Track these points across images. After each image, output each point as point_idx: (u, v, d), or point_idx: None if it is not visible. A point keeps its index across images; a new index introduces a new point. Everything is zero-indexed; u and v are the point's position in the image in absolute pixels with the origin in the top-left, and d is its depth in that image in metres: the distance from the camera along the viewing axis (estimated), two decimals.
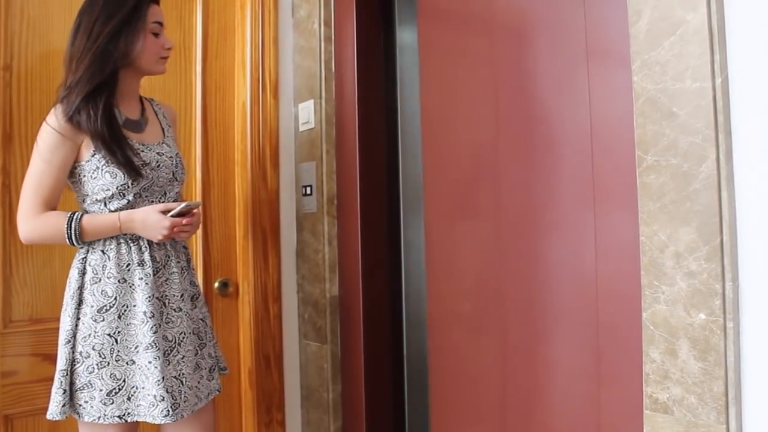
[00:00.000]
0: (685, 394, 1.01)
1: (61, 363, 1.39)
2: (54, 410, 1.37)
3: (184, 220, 1.46)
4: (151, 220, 1.43)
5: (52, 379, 1.64)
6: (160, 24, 1.54)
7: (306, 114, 2.00)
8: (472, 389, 1.89)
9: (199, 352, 1.53)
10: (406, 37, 2.02)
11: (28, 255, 1.65)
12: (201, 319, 1.55)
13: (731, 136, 0.99)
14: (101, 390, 1.38)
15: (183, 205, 1.46)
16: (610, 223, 1.16)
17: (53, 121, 1.40)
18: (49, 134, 1.40)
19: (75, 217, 1.41)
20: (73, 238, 1.40)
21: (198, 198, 1.92)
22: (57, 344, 1.42)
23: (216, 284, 1.93)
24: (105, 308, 1.40)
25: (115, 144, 1.41)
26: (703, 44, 0.99)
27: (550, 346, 1.42)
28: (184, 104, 1.90)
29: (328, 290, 1.91)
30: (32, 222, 1.41)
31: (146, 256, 1.45)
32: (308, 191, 1.99)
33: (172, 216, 1.44)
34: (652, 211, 1.06)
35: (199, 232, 1.90)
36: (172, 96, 1.88)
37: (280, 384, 1.98)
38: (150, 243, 1.47)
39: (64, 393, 1.37)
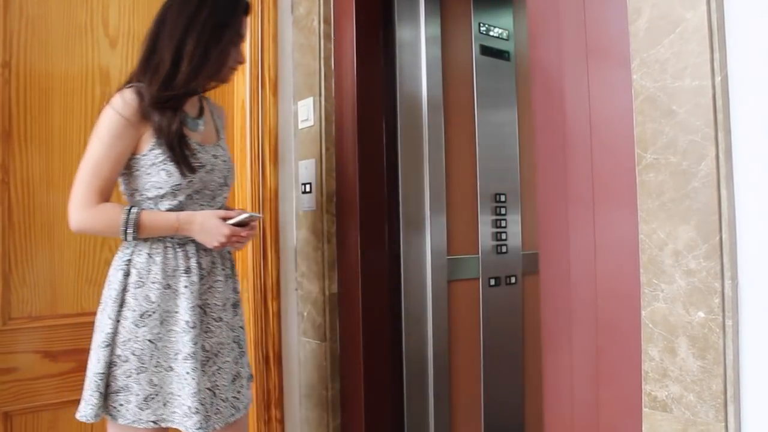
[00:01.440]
0: (683, 392, 1.01)
1: (98, 365, 1.34)
2: (88, 412, 1.32)
3: (244, 232, 1.41)
4: (211, 225, 1.38)
5: (51, 376, 1.64)
6: (244, 36, 1.51)
7: (305, 112, 2.00)
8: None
9: (239, 360, 1.49)
10: (405, 34, 2.02)
11: (28, 252, 1.65)
12: (240, 327, 1.51)
13: (730, 135, 0.99)
14: (138, 395, 1.33)
15: (246, 215, 1.40)
16: (610, 221, 1.16)
17: (120, 106, 1.34)
18: (115, 119, 1.33)
19: (133, 210, 1.35)
20: (129, 232, 1.34)
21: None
22: (88, 344, 1.37)
23: None
24: (147, 313, 1.35)
25: (177, 142, 1.36)
26: (703, 42, 0.99)
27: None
28: None
29: (328, 288, 1.91)
30: (88, 212, 1.34)
31: (193, 262, 1.40)
32: (307, 189, 1.98)
33: (232, 224, 1.38)
34: (651, 209, 1.06)
35: None
36: None
37: (280, 382, 1.98)
38: (197, 249, 1.42)
39: (100, 395, 1.32)
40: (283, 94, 2.05)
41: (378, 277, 1.91)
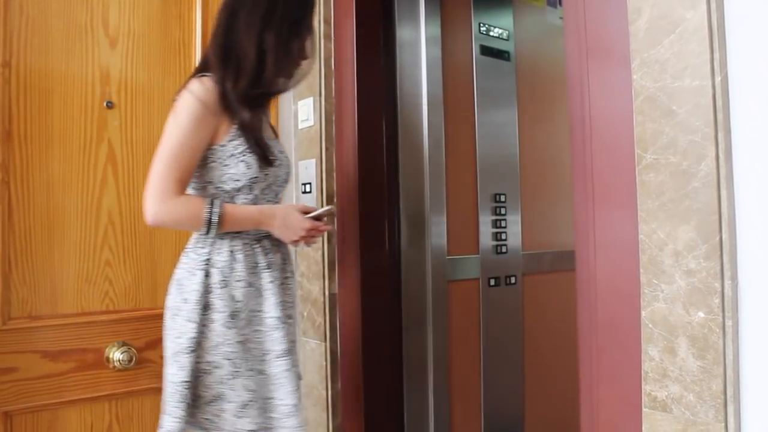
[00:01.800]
0: (683, 392, 1.01)
1: (182, 373, 1.25)
2: (173, 427, 1.23)
3: (323, 226, 1.38)
4: (293, 219, 1.34)
5: (51, 376, 1.65)
6: (313, 30, 1.48)
7: (305, 111, 2.00)
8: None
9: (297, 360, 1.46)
10: (405, 34, 2.02)
11: (28, 252, 1.65)
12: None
13: (731, 135, 0.99)
14: (234, 402, 1.26)
15: (326, 208, 1.38)
16: (609, 221, 1.16)
17: (202, 92, 1.29)
18: (197, 106, 1.28)
19: (216, 203, 1.29)
20: (212, 226, 1.27)
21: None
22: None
23: None
24: (235, 314, 1.29)
25: (258, 133, 1.32)
26: (703, 42, 0.99)
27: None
28: None
29: (328, 288, 1.91)
30: (168, 203, 1.26)
31: (270, 258, 1.36)
32: (308, 189, 1.98)
33: (311, 218, 1.35)
34: (651, 209, 1.06)
35: None
36: (171, 93, 1.87)
37: None
38: (271, 244, 1.38)
39: (187, 407, 1.24)
40: (282, 94, 2.04)
41: (378, 277, 1.91)
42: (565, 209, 2.53)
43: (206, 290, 1.29)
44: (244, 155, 1.31)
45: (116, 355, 1.71)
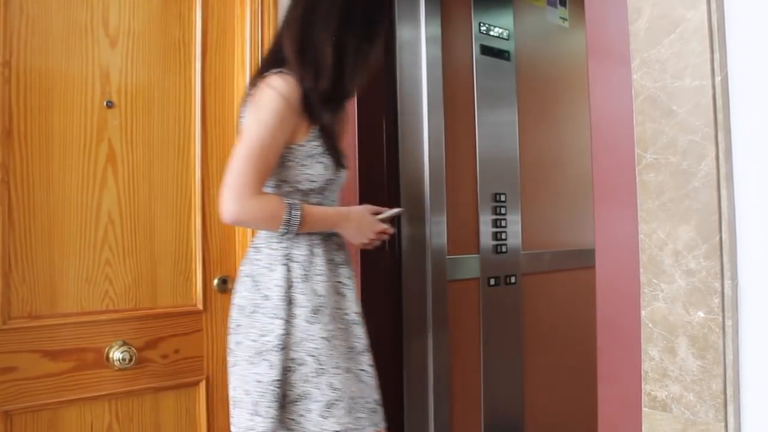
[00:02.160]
0: (683, 391, 1.01)
1: (273, 372, 1.21)
2: (268, 427, 1.19)
3: (389, 228, 1.37)
4: (367, 221, 1.33)
5: (50, 376, 1.64)
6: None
7: None
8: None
9: None
10: (406, 34, 2.02)
11: (27, 251, 1.64)
12: None
13: (731, 135, 0.99)
14: (319, 401, 1.22)
15: (394, 210, 1.37)
16: (610, 220, 1.17)
17: (285, 89, 1.25)
18: (280, 103, 1.24)
19: (296, 204, 1.26)
20: (291, 228, 1.24)
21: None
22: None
23: (215, 281, 1.93)
24: (318, 309, 1.26)
25: (335, 134, 1.32)
26: (703, 42, 0.99)
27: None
28: (183, 101, 1.90)
29: None
30: (249, 201, 1.22)
31: (342, 254, 1.35)
32: None
33: (381, 220, 1.34)
34: (651, 209, 1.06)
35: (199, 228, 1.90)
36: (171, 93, 1.87)
37: None
38: (341, 242, 1.36)
39: (278, 407, 1.20)
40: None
41: (378, 276, 1.91)
42: (565, 209, 2.53)
43: (288, 285, 1.26)
44: (322, 156, 1.30)
45: (116, 354, 1.71)
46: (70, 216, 1.70)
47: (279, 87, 1.25)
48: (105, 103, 1.76)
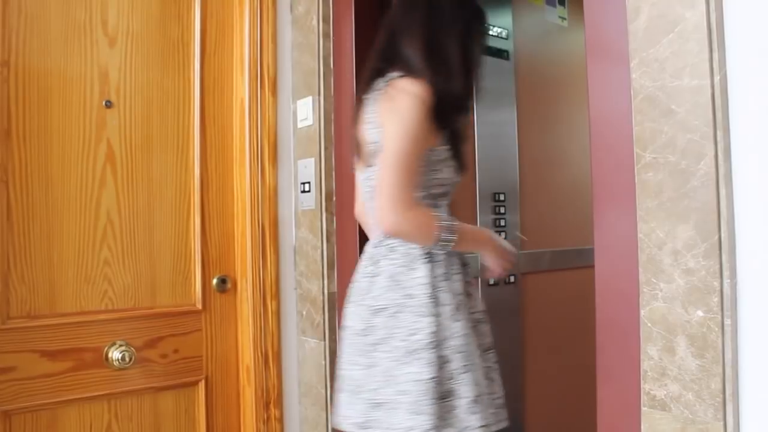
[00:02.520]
0: (682, 391, 1.01)
1: (430, 370, 1.19)
2: (430, 424, 1.17)
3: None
4: (506, 247, 1.34)
5: (49, 375, 1.64)
6: None
7: (304, 111, 1.99)
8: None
9: None
10: None
11: (26, 251, 1.64)
12: None
13: (729, 134, 0.99)
14: (466, 397, 1.21)
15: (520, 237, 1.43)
16: (608, 220, 1.17)
17: (424, 95, 1.22)
18: (421, 109, 1.21)
19: (450, 221, 1.26)
20: (447, 245, 1.24)
21: None
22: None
23: (214, 281, 1.93)
24: (458, 306, 1.26)
25: (463, 136, 1.32)
26: (702, 42, 0.99)
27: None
28: (182, 101, 1.90)
29: (326, 287, 1.91)
30: (408, 214, 1.20)
31: (466, 254, 1.37)
32: (307, 188, 1.98)
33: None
34: (650, 208, 1.06)
35: (198, 228, 1.90)
36: (170, 92, 1.87)
37: (279, 380, 1.98)
38: None
39: (438, 404, 1.19)
40: (282, 93, 2.04)
41: None
42: (565, 208, 2.53)
43: (432, 284, 1.25)
44: (451, 160, 1.30)
45: (115, 354, 1.71)
46: (68, 216, 1.70)
47: (416, 92, 1.23)
48: (104, 103, 1.76)
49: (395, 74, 1.29)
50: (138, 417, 1.79)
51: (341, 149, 1.92)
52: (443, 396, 1.20)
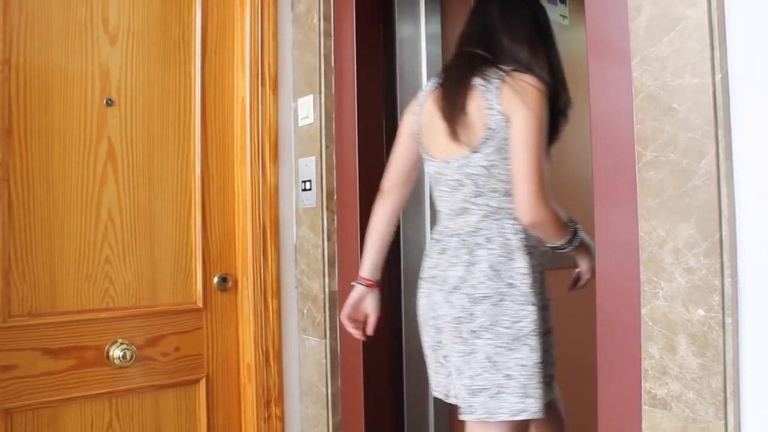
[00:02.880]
0: (683, 389, 1.01)
1: (536, 355, 1.27)
2: (540, 406, 1.27)
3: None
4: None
5: (51, 373, 1.65)
6: None
7: (305, 109, 1.99)
8: None
9: None
10: (406, 31, 2.02)
11: (27, 249, 1.65)
12: None
13: (731, 132, 0.99)
14: (544, 382, 1.32)
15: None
16: (609, 218, 1.16)
17: (545, 91, 1.30)
18: (546, 104, 1.29)
19: (573, 221, 1.36)
20: (570, 244, 1.35)
21: None
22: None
23: (215, 279, 1.93)
24: (540, 295, 1.34)
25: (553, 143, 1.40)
26: (703, 40, 0.99)
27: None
28: (183, 99, 1.90)
29: (327, 285, 1.91)
30: (549, 205, 1.28)
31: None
32: (307, 186, 1.98)
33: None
34: (651, 206, 1.06)
35: (199, 226, 1.90)
36: (171, 91, 1.87)
37: (279, 379, 1.98)
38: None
39: (546, 385, 1.31)
40: (283, 91, 2.04)
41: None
42: (565, 207, 2.53)
43: (531, 274, 1.31)
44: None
45: (116, 352, 1.71)
46: (70, 214, 1.70)
47: (542, 88, 1.29)
48: (105, 101, 1.76)
49: (507, 67, 1.34)
50: (139, 415, 1.79)
51: (342, 147, 1.91)
52: (547, 381, 1.31)
